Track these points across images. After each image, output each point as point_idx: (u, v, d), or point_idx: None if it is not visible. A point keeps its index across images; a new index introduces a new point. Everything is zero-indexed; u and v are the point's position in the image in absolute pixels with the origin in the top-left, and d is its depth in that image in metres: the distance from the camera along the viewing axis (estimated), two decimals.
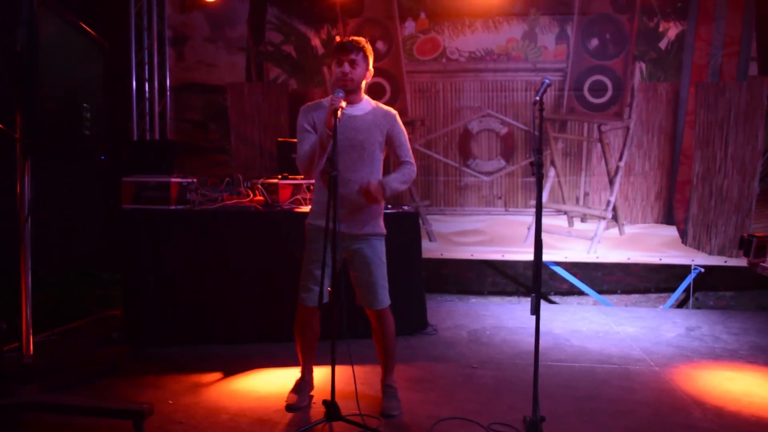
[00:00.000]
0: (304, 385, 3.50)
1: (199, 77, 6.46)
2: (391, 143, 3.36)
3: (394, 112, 3.38)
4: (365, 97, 3.37)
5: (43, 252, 3.39)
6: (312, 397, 3.51)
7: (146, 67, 6.36)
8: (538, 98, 2.97)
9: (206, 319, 4.55)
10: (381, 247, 3.38)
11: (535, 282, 2.96)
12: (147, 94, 6.37)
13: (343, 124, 3.15)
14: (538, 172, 2.95)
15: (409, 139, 3.46)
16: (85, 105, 3.57)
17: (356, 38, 3.26)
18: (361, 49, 3.24)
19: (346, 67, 3.21)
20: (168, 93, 6.46)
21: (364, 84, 3.33)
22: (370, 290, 3.33)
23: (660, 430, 3.22)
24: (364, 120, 3.28)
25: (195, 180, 4.78)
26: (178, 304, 4.51)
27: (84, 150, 3.79)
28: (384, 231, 3.41)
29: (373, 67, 3.35)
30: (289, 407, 3.38)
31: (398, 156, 3.38)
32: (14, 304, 3.19)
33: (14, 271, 3.17)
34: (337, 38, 3.51)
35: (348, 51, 3.21)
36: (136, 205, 4.54)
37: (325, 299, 3.08)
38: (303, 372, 3.53)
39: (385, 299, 3.37)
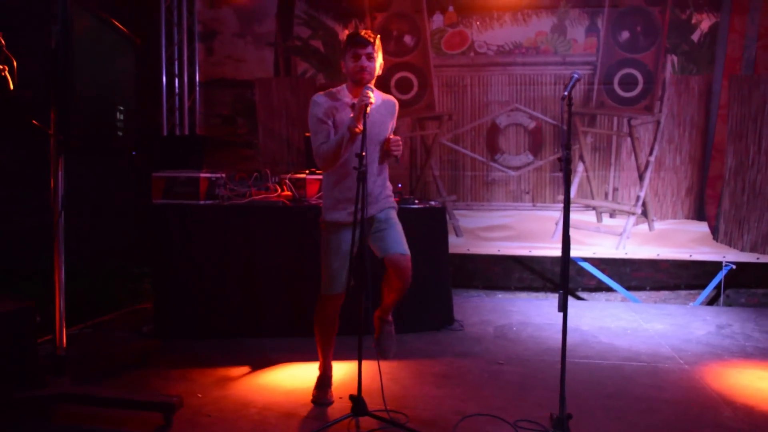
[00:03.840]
0: (326, 382, 3.50)
1: (228, 72, 6.51)
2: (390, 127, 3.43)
3: (394, 99, 3.45)
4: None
5: (75, 246, 3.45)
6: (332, 393, 3.52)
7: (176, 62, 6.43)
8: (566, 93, 2.94)
9: (234, 313, 4.60)
10: (394, 214, 3.41)
11: (563, 278, 2.94)
12: (177, 90, 6.44)
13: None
14: (566, 168, 2.93)
15: (437, 134, 3.47)
16: (120, 107, 3.63)
17: (367, 31, 3.27)
18: (374, 43, 3.24)
19: (364, 61, 3.21)
20: (197, 88, 6.52)
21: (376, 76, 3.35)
22: (391, 239, 3.28)
23: (688, 428, 3.18)
24: (378, 114, 3.30)
25: (223, 175, 4.82)
26: (206, 297, 4.57)
27: (116, 146, 3.86)
28: (395, 205, 3.46)
29: (401, 61, 3.37)
30: (317, 404, 3.40)
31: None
32: (48, 297, 3.27)
33: (48, 264, 3.25)
34: (346, 32, 3.52)
35: (365, 45, 3.21)
36: (166, 199, 4.60)
37: (352, 282, 3.13)
38: (324, 368, 3.52)
39: (406, 247, 3.30)
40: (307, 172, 4.82)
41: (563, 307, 2.93)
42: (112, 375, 3.81)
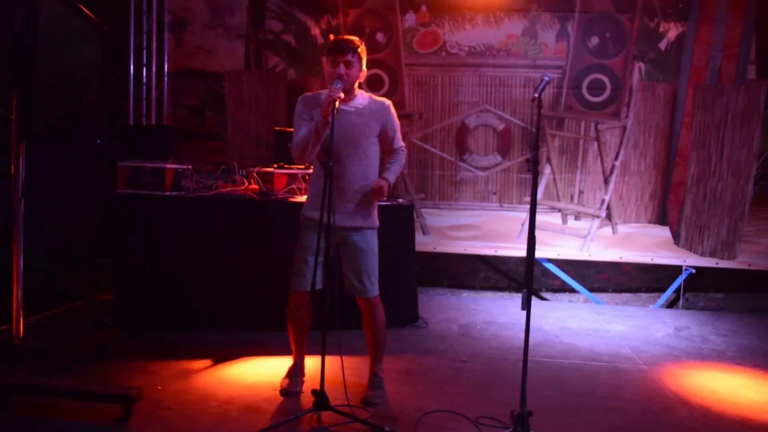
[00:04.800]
0: (296, 372, 3.53)
1: (198, 63, 6.43)
2: (384, 133, 3.40)
3: (387, 102, 3.41)
4: (359, 92, 3.39)
5: (35, 235, 3.38)
6: (304, 382, 3.53)
7: (144, 51, 6.32)
8: (537, 95, 2.97)
9: (198, 305, 4.55)
10: (373, 238, 3.41)
11: (527, 278, 2.98)
12: (144, 79, 6.33)
13: (338, 121, 3.15)
14: (534, 169, 2.96)
15: (406, 132, 3.48)
16: (85, 94, 3.57)
17: (352, 38, 3.28)
18: (356, 50, 3.25)
19: (341, 68, 3.22)
20: (165, 78, 6.43)
21: (357, 83, 3.35)
22: (359, 278, 3.36)
23: (646, 428, 3.24)
24: (358, 116, 3.31)
25: (190, 166, 4.77)
26: (169, 289, 4.51)
27: (80, 133, 3.78)
28: (377, 224, 3.44)
29: (373, 58, 3.36)
30: (282, 392, 3.42)
31: (391, 144, 3.45)
32: (5, 287, 3.19)
33: (6, 253, 3.17)
34: (331, 36, 3.52)
35: (343, 52, 3.22)
36: (131, 189, 4.53)
37: (318, 286, 3.15)
38: (296, 359, 3.56)
39: (373, 289, 3.39)
40: (275, 166, 4.79)
41: (527, 306, 2.96)
42: (70, 366, 3.75)
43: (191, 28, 6.40)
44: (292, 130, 3.41)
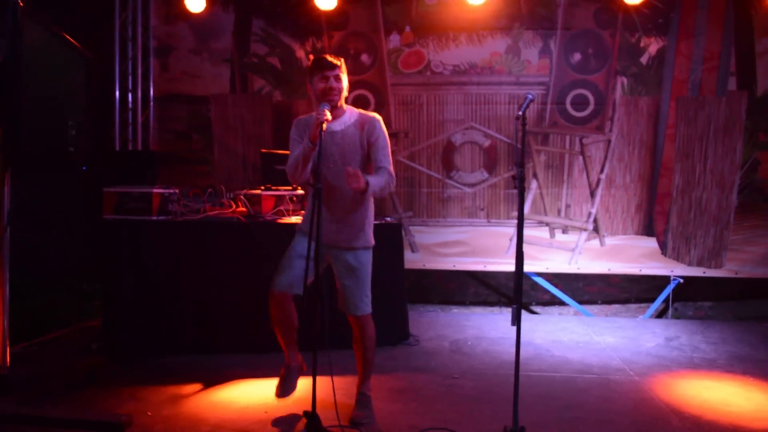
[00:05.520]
0: (288, 373, 3.54)
1: (184, 88, 6.46)
2: (371, 147, 3.34)
3: (377, 118, 3.38)
4: (347, 108, 3.41)
5: (22, 262, 3.37)
6: (301, 373, 3.59)
7: (130, 77, 6.34)
8: (521, 113, 3.02)
9: (187, 330, 4.53)
10: (366, 257, 3.41)
11: (516, 293, 2.99)
12: (130, 105, 6.34)
13: (326, 140, 3.17)
14: (519, 186, 2.99)
15: (393, 151, 3.48)
16: (70, 122, 3.58)
17: (331, 55, 3.32)
18: (340, 66, 3.30)
19: (333, 82, 3.26)
20: (151, 103, 6.45)
21: (344, 97, 3.37)
22: (350, 296, 3.36)
23: None
24: (345, 134, 3.32)
25: (177, 191, 4.77)
26: (158, 315, 4.49)
27: (66, 161, 3.79)
28: (372, 242, 3.45)
29: (358, 79, 3.40)
30: (278, 397, 3.51)
31: (376, 161, 3.33)
32: None
33: None
34: (311, 56, 3.56)
35: (332, 67, 3.27)
36: (118, 215, 4.52)
37: (296, 291, 3.26)
38: (288, 360, 3.54)
39: (365, 307, 3.39)
40: (262, 188, 4.79)
41: (517, 321, 2.97)
42: (59, 394, 3.70)
43: (176, 54, 6.43)
44: (278, 152, 3.44)
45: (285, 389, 3.51)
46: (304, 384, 3.68)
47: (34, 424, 3.08)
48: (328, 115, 3.11)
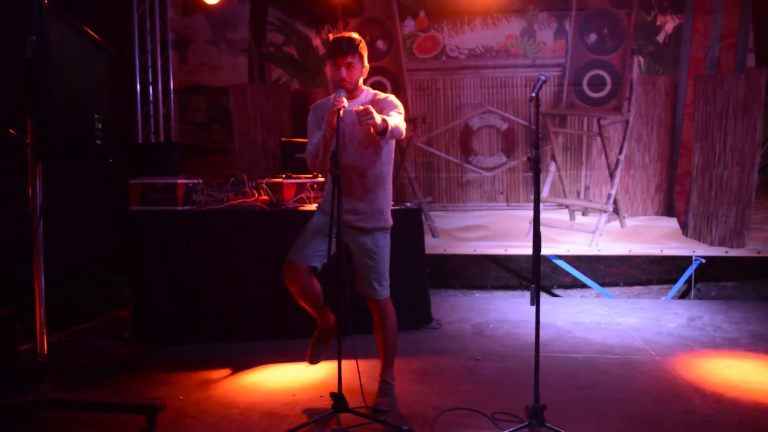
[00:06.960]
0: (322, 336, 3.57)
1: (202, 79, 6.54)
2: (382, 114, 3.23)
3: (389, 97, 3.36)
4: (365, 89, 3.42)
5: (52, 255, 3.46)
6: (333, 335, 3.53)
7: (150, 70, 6.43)
8: (534, 94, 3.04)
9: (214, 317, 4.63)
10: (384, 240, 3.43)
11: (534, 273, 3.03)
12: (151, 97, 6.44)
13: (344, 121, 3.20)
14: (535, 168, 3.02)
15: (411, 137, 3.50)
16: (96, 116, 3.66)
17: (350, 36, 3.28)
18: (356, 49, 3.26)
19: (343, 71, 3.26)
20: (171, 95, 6.54)
21: (361, 80, 3.38)
22: (368, 280, 3.39)
23: (660, 416, 3.28)
24: None
25: (201, 181, 4.86)
26: (185, 302, 4.59)
27: (93, 154, 3.88)
28: (390, 223, 3.46)
29: (374, 65, 3.38)
30: (310, 363, 3.57)
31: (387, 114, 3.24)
32: (27, 306, 3.28)
33: (27, 273, 3.26)
34: (330, 36, 3.54)
35: (344, 54, 3.24)
36: (144, 206, 4.62)
37: (314, 263, 3.31)
38: (319, 323, 3.58)
39: (383, 290, 3.41)
40: (283, 176, 4.87)
41: (536, 301, 3.02)
42: (93, 381, 3.82)
43: (194, 45, 6.51)
44: (298, 140, 3.48)
45: (315, 354, 3.55)
46: (329, 367, 3.77)
47: (72, 408, 3.18)
48: (345, 102, 3.12)
